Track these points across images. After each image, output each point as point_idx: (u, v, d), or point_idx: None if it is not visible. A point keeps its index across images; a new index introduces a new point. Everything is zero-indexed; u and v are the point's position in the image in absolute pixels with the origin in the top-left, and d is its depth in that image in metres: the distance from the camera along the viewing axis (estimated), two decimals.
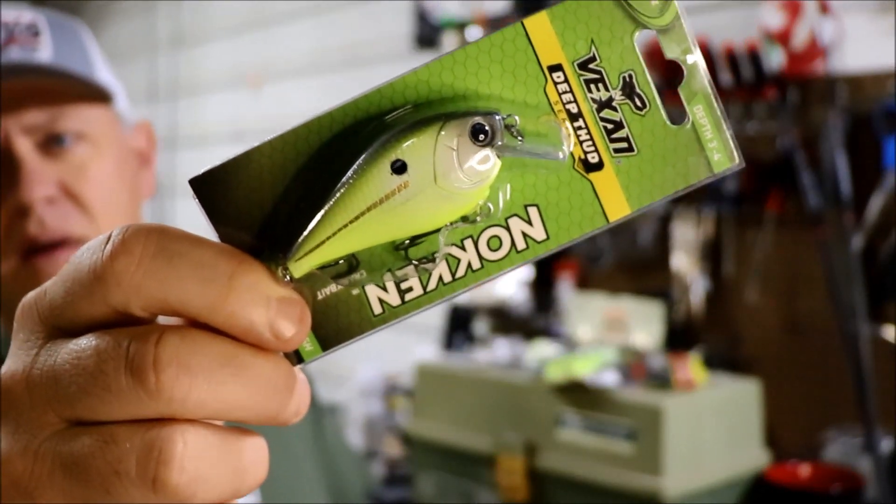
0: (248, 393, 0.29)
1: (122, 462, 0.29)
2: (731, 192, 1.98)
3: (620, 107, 0.30)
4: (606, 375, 1.38)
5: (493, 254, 0.30)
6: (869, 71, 1.84)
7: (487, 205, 0.30)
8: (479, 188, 0.29)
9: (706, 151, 0.32)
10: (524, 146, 0.30)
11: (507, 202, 0.30)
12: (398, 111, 0.31)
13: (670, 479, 1.29)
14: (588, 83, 0.30)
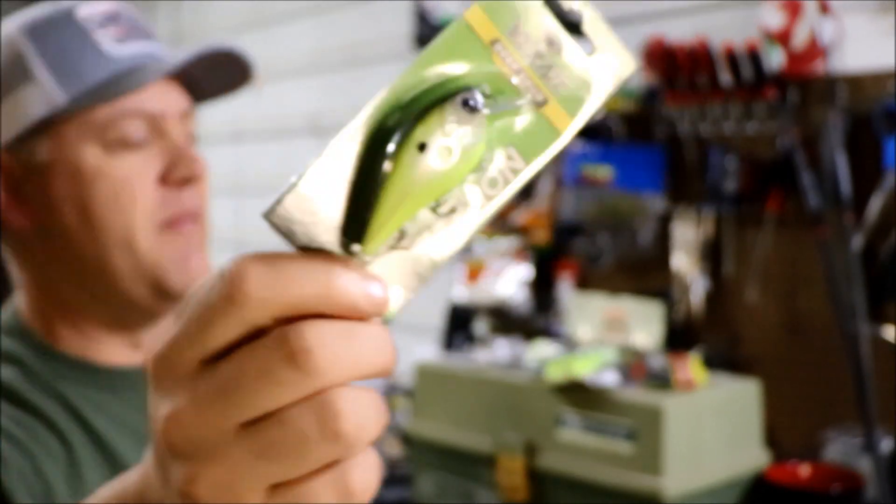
0: (369, 354, 0.38)
1: (306, 430, 0.37)
2: (730, 192, 1.97)
3: (548, 54, 0.41)
4: (606, 375, 1.38)
5: (493, 190, 0.40)
6: (869, 71, 1.83)
7: (485, 156, 0.40)
8: (479, 145, 0.39)
9: (620, 61, 0.44)
10: (497, 104, 0.40)
11: (494, 149, 0.40)
12: (404, 106, 0.40)
13: (670, 479, 1.29)
14: (519, 45, 0.40)
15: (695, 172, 2.07)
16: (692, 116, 2.03)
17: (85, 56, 0.88)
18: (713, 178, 1.99)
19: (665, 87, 2.02)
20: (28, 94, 0.87)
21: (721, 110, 1.98)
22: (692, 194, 2.08)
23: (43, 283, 0.93)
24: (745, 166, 1.96)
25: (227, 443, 0.38)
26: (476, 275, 2.40)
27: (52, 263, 0.91)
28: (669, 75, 1.99)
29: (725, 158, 1.98)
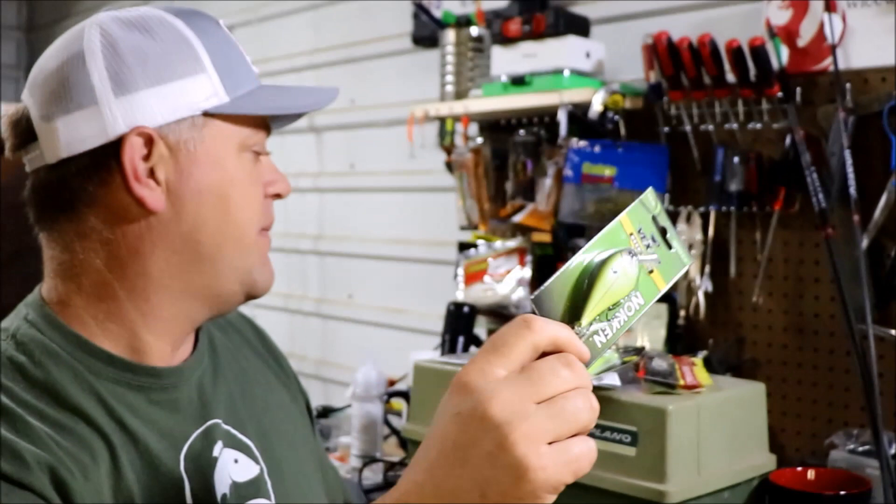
0: (588, 378, 0.68)
1: (580, 405, 0.66)
2: (735, 192, 1.95)
3: (653, 244, 0.75)
4: (609, 378, 1.35)
5: (627, 314, 0.73)
6: (876, 68, 1.81)
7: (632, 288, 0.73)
8: (634, 276, 0.73)
9: (683, 259, 0.77)
10: (643, 259, 0.74)
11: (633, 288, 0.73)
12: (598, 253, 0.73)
13: (674, 483, 1.27)
14: (643, 237, 0.74)
15: (699, 171, 2.04)
16: (696, 115, 2.01)
17: (239, 65, 0.98)
18: (717, 177, 1.97)
19: (669, 84, 1.99)
20: (198, 84, 0.93)
21: (725, 108, 1.96)
22: (696, 194, 2.06)
23: (137, 269, 0.95)
24: (749, 165, 1.94)
25: (532, 412, 0.64)
26: (476, 275, 2.38)
27: (160, 250, 0.95)
28: (673, 73, 1.96)
29: (730, 157, 1.96)
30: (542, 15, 2.19)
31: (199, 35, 0.95)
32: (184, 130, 0.93)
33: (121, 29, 0.93)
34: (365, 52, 3.01)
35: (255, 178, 0.99)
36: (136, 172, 0.92)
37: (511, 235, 2.40)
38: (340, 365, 3.04)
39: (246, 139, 0.97)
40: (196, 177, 0.94)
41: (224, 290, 0.98)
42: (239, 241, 0.97)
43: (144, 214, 0.93)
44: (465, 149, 2.42)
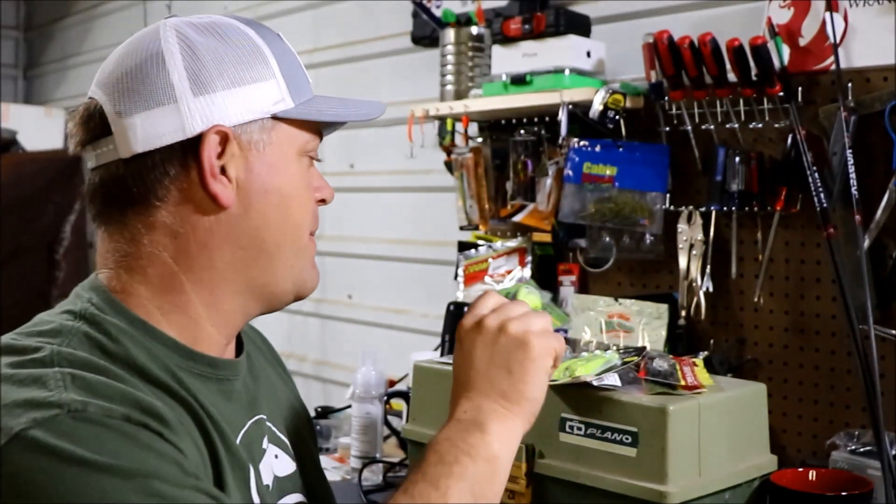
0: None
1: (538, 321, 1.06)
2: (736, 191, 1.94)
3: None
4: (609, 378, 1.35)
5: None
6: (878, 68, 1.80)
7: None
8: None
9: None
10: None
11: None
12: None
13: (675, 484, 1.26)
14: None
15: (700, 171, 2.04)
16: (697, 114, 2.00)
17: (300, 74, 1.04)
18: (718, 176, 1.96)
19: (670, 84, 1.99)
20: (268, 89, 1.00)
21: (727, 108, 1.95)
22: (697, 193, 2.05)
23: (203, 262, 0.99)
24: (751, 165, 1.93)
25: (516, 316, 1.04)
26: (477, 276, 2.37)
27: (227, 245, 1.00)
28: (674, 72, 1.96)
29: (731, 157, 1.95)
30: (542, 14, 2.19)
31: (268, 44, 1.01)
32: (254, 132, 0.99)
33: (196, 33, 0.98)
34: (365, 51, 3.01)
35: (308, 182, 1.06)
36: (213, 169, 0.97)
37: (511, 235, 2.39)
38: (340, 365, 3.03)
39: (305, 144, 1.04)
40: (263, 176, 1.00)
41: (278, 288, 1.05)
42: (295, 241, 1.04)
43: (215, 210, 0.98)
44: (465, 149, 2.41)
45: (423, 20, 2.60)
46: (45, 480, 0.79)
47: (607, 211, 2.11)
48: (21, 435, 0.81)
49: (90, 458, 0.80)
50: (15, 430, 0.81)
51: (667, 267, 2.11)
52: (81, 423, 0.82)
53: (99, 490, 0.79)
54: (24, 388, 0.85)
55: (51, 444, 0.80)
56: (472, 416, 1.01)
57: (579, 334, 2.16)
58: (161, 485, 0.82)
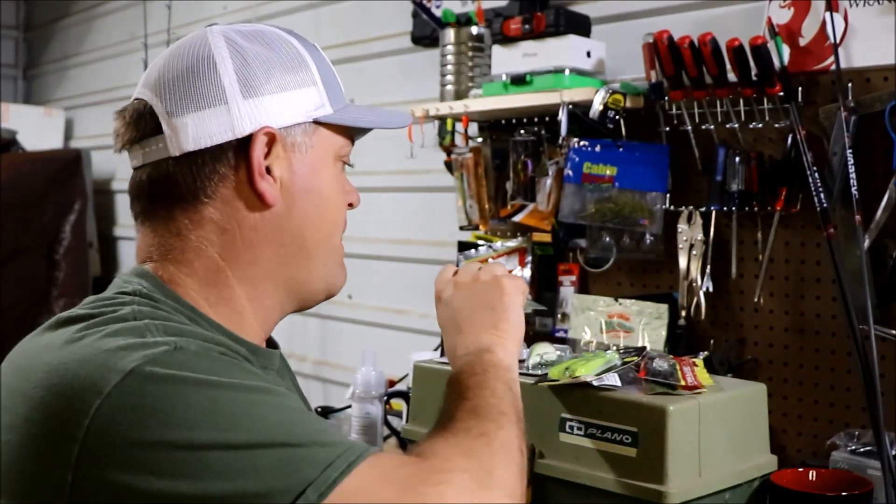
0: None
1: (501, 273, 1.23)
2: (736, 191, 1.94)
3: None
4: (609, 378, 1.35)
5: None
6: (878, 68, 1.80)
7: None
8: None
9: None
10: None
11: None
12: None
13: (675, 484, 1.26)
14: None
15: (700, 171, 2.04)
16: (697, 114, 2.00)
17: (336, 83, 1.10)
18: (718, 176, 1.96)
19: (670, 84, 1.99)
20: (310, 95, 1.05)
21: (727, 108, 1.95)
22: (697, 193, 2.05)
23: (248, 257, 1.04)
24: (751, 165, 1.93)
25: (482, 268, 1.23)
26: None
27: (271, 242, 1.04)
28: (674, 72, 1.95)
29: (731, 157, 1.95)
30: (542, 14, 2.19)
31: (310, 53, 1.07)
32: (298, 134, 1.04)
33: (244, 40, 1.04)
34: (365, 51, 3.00)
35: (342, 185, 1.12)
36: (260, 168, 1.01)
37: (511, 235, 2.39)
38: (340, 365, 3.03)
39: (340, 149, 1.10)
40: (305, 177, 1.05)
41: (313, 286, 1.10)
42: (330, 240, 1.10)
43: (261, 208, 1.03)
44: (465, 149, 2.41)
45: (423, 20, 2.60)
46: (175, 403, 0.82)
47: (607, 211, 2.11)
48: (136, 370, 0.83)
49: (210, 379, 0.85)
50: (128, 367, 0.84)
51: (667, 267, 2.11)
52: (189, 355, 0.87)
53: (227, 402, 0.84)
54: (121, 338, 0.88)
55: (169, 373, 0.84)
56: (474, 347, 1.13)
57: (579, 334, 2.16)
58: (280, 398, 0.88)
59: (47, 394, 0.85)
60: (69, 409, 0.82)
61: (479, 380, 1.06)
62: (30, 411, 0.86)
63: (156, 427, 0.81)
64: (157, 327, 0.91)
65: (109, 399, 0.82)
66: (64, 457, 0.81)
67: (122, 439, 0.80)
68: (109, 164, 4.33)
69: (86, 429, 0.81)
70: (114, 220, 4.38)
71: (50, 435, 0.83)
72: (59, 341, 0.91)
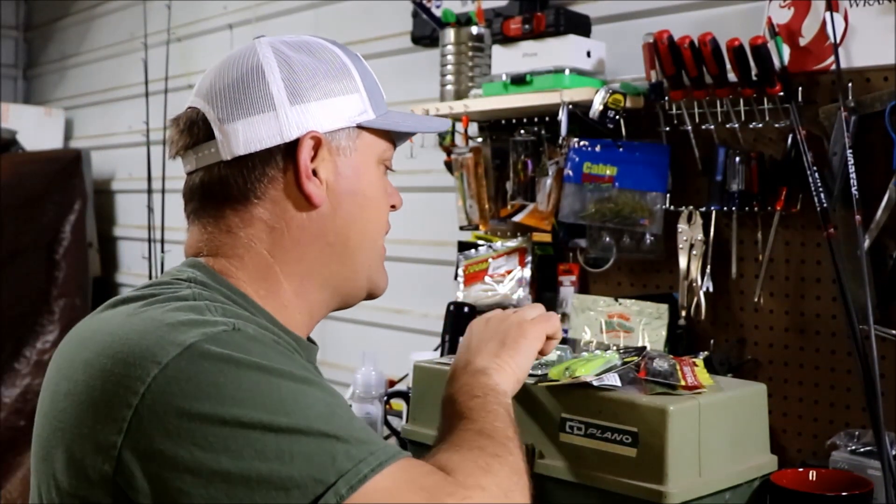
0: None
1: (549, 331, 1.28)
2: (736, 191, 1.94)
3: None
4: (610, 378, 1.34)
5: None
6: (878, 68, 1.80)
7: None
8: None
9: None
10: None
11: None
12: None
13: (675, 484, 1.26)
14: None
15: (700, 171, 2.04)
16: (697, 114, 2.00)
17: (377, 91, 1.14)
18: (719, 176, 1.96)
19: (670, 83, 1.99)
20: (354, 101, 1.09)
21: (727, 108, 1.95)
22: (697, 193, 2.05)
23: (296, 255, 1.08)
24: (751, 165, 1.93)
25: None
26: (477, 276, 2.37)
27: (318, 241, 1.08)
28: (674, 72, 1.95)
29: (731, 157, 1.95)
30: (542, 14, 2.19)
31: (353, 62, 1.12)
32: (342, 139, 1.09)
33: (290, 50, 1.08)
34: (365, 51, 2.96)
35: (385, 187, 1.16)
36: (307, 171, 1.06)
37: (511, 235, 2.39)
38: (340, 365, 3.03)
39: (383, 153, 1.14)
40: (350, 179, 1.10)
41: (356, 285, 1.14)
42: (374, 241, 1.14)
43: (308, 208, 1.07)
44: (465, 149, 2.41)
45: (423, 20, 2.60)
46: (227, 381, 0.86)
47: (607, 211, 2.11)
48: (194, 346, 0.88)
49: (263, 363, 0.89)
50: (188, 342, 0.88)
51: (667, 267, 2.11)
52: (245, 338, 0.92)
53: (276, 387, 0.88)
54: (181, 313, 0.93)
55: (225, 353, 0.88)
56: (470, 368, 1.18)
57: (579, 334, 2.16)
58: (322, 393, 0.92)
59: (108, 361, 0.90)
60: (127, 375, 0.87)
61: (481, 402, 1.10)
62: (90, 377, 0.90)
63: (206, 401, 0.85)
64: (216, 308, 0.96)
65: (166, 370, 0.86)
66: (117, 421, 0.86)
67: (172, 409, 0.85)
68: (109, 164, 4.33)
69: (141, 395, 0.86)
70: (114, 220, 4.38)
71: (107, 398, 0.87)
72: (121, 314, 0.96)
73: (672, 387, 1.35)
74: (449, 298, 2.35)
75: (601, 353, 1.46)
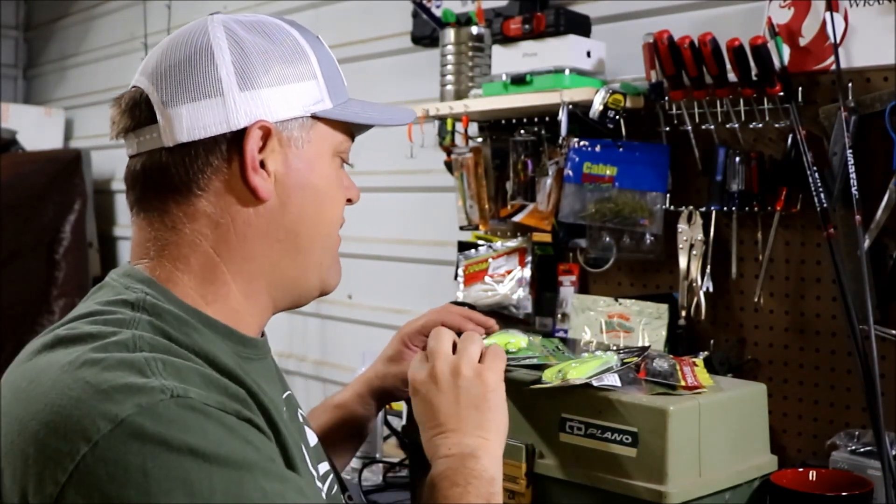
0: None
1: (477, 347, 1.20)
2: (737, 192, 1.94)
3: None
4: (609, 378, 1.34)
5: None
6: (878, 68, 1.80)
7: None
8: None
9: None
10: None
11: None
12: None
13: (675, 484, 1.26)
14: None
15: (700, 171, 2.04)
16: (697, 114, 2.00)
17: (337, 77, 1.08)
18: (719, 176, 1.96)
19: (670, 83, 1.99)
20: (310, 89, 1.03)
21: (727, 108, 1.95)
22: (697, 193, 2.05)
23: (243, 252, 1.02)
24: (751, 165, 1.93)
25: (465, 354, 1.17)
26: (477, 276, 2.37)
27: (265, 237, 1.03)
28: (674, 72, 1.95)
29: (731, 157, 1.95)
30: (542, 14, 2.19)
31: (310, 44, 1.05)
32: (294, 129, 1.03)
33: (244, 30, 1.02)
34: (365, 51, 3.00)
35: (340, 181, 1.10)
36: (254, 162, 1.00)
37: (511, 235, 2.39)
38: (340, 365, 3.03)
39: (339, 145, 1.08)
40: (301, 172, 1.04)
41: (308, 284, 1.09)
42: (326, 238, 1.09)
43: (254, 202, 1.01)
44: (465, 149, 2.41)
45: (423, 20, 2.60)
46: (155, 469, 0.79)
47: (607, 211, 2.11)
48: (126, 422, 0.81)
49: (198, 447, 0.81)
50: (120, 416, 0.81)
51: (667, 267, 2.11)
52: (185, 410, 0.83)
53: (207, 477, 0.80)
54: (119, 373, 0.84)
55: (157, 433, 0.81)
56: (458, 450, 1.10)
57: (579, 334, 2.16)
58: (261, 479, 0.84)
59: (41, 429, 0.83)
60: (58, 450, 0.81)
61: (461, 492, 1.04)
62: (24, 441, 0.84)
63: (132, 489, 0.79)
64: (156, 363, 0.87)
65: (95, 450, 0.80)
66: (45, 496, 0.81)
67: (98, 493, 0.79)
68: (109, 164, 4.32)
69: (69, 474, 0.80)
70: (114, 220, 4.38)
71: (39, 470, 0.82)
72: (56, 368, 0.88)
73: (672, 387, 1.35)
74: (449, 298, 2.35)
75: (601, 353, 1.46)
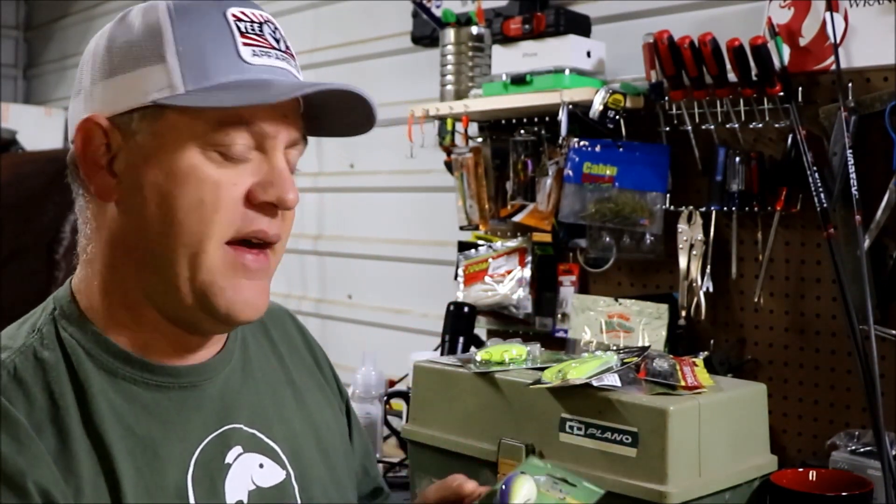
0: None
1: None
2: (737, 192, 1.94)
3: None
4: (609, 378, 1.34)
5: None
6: (878, 68, 1.80)
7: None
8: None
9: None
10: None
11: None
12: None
13: (675, 484, 1.26)
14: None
15: (700, 171, 2.04)
16: (697, 114, 2.00)
17: (218, 55, 0.89)
18: (719, 176, 1.96)
19: (670, 84, 1.99)
20: (153, 74, 0.88)
21: (727, 108, 1.95)
22: (697, 193, 2.05)
23: (108, 260, 0.93)
24: (751, 165, 1.93)
25: None
26: (477, 276, 2.37)
27: (120, 244, 0.91)
28: (674, 72, 1.95)
29: (731, 157, 1.95)
30: (542, 14, 2.19)
31: (179, 21, 0.90)
32: (133, 122, 0.89)
33: (119, 22, 0.95)
34: (365, 51, 3.00)
35: (225, 182, 0.89)
36: (88, 161, 0.91)
37: (511, 235, 2.39)
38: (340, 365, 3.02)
39: (204, 136, 0.88)
40: (142, 171, 0.89)
41: (182, 304, 0.91)
42: (194, 252, 0.89)
43: (102, 206, 0.93)
44: (465, 149, 2.41)
45: (423, 20, 2.60)
46: None
47: (607, 211, 2.11)
48: None
49: None
50: None
51: (667, 267, 2.11)
52: None
53: None
54: None
55: None
56: None
57: (579, 334, 2.16)
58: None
59: None
60: None
61: None
62: None
63: None
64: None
65: None
66: None
67: None
68: None
69: None
70: None
71: None
72: None
73: (672, 387, 1.35)
74: (449, 298, 2.35)
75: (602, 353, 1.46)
